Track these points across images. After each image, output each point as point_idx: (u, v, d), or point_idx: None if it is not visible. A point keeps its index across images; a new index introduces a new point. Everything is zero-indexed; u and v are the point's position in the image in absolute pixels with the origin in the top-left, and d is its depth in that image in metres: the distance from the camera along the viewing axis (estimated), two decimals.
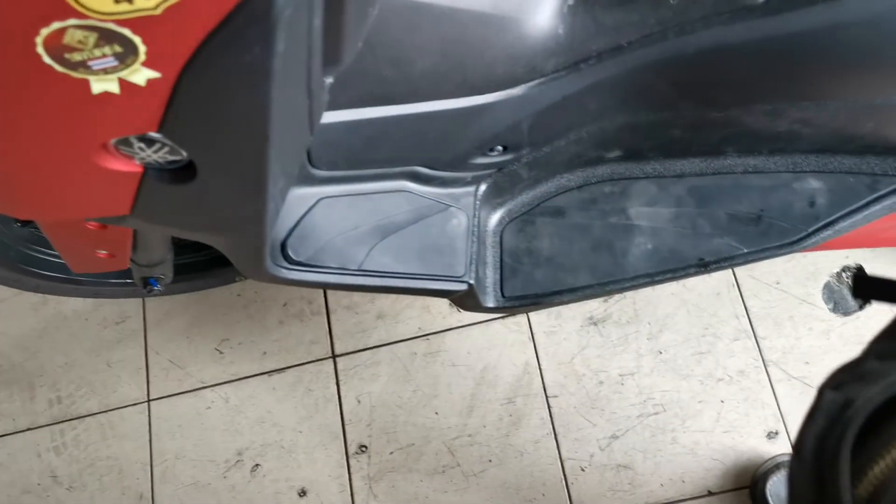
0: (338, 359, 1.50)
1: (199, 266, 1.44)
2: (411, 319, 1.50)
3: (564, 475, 1.35)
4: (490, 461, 1.38)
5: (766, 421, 1.32)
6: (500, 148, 0.87)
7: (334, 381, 1.48)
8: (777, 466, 1.22)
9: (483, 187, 0.96)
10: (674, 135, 0.94)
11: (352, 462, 1.42)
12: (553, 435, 1.37)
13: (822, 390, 0.53)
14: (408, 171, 0.87)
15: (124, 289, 1.42)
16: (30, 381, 1.60)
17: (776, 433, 1.31)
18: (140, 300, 1.63)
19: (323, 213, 0.82)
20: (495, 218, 1.02)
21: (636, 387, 1.37)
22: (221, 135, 0.49)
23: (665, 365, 1.38)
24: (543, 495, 1.34)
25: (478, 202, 0.95)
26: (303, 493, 1.42)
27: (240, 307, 1.58)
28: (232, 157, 0.51)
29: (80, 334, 1.62)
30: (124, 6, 0.38)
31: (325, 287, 0.84)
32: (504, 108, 0.80)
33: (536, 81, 0.80)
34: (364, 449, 1.43)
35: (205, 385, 1.54)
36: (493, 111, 0.80)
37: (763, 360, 1.35)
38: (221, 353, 1.55)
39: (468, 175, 0.92)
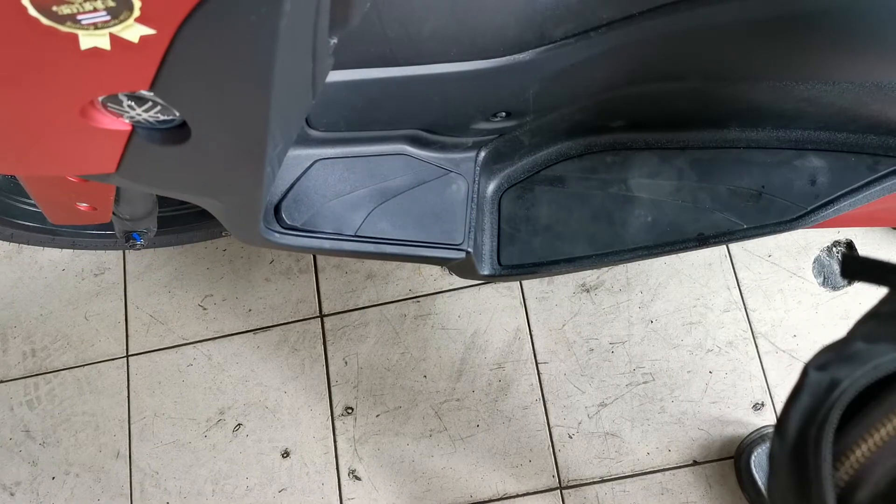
0: (325, 318, 1.48)
1: (184, 219, 1.40)
2: (401, 281, 1.47)
3: (552, 441, 1.34)
4: (478, 426, 1.37)
5: (752, 392, 1.31)
6: (503, 113, 0.84)
7: (321, 341, 1.46)
8: (762, 438, 1.22)
9: (483, 153, 0.92)
10: (679, 106, 0.91)
11: (337, 424, 1.41)
12: (542, 401, 1.36)
13: (807, 369, 0.52)
14: (408, 135, 0.83)
15: (103, 240, 1.39)
16: (3, 331, 1.56)
17: (762, 405, 1.31)
18: (120, 251, 1.59)
19: (319, 175, 0.79)
20: (494, 184, 0.99)
21: (626, 355, 1.36)
22: (219, 97, 0.46)
23: (656, 334, 1.37)
24: (530, 461, 1.34)
25: (478, 168, 0.92)
26: (286, 454, 1.41)
27: (224, 262, 1.54)
28: (229, 120, 0.48)
29: (56, 285, 1.58)
30: None
31: (320, 253, 0.81)
32: (510, 73, 0.77)
33: (545, 48, 0.76)
34: (350, 411, 1.41)
35: (187, 342, 1.51)
36: (499, 76, 0.77)
37: (752, 332, 1.35)
38: (205, 308, 1.52)
39: (469, 140, 0.89)
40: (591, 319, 1.40)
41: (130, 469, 1.44)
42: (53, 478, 1.46)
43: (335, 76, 0.69)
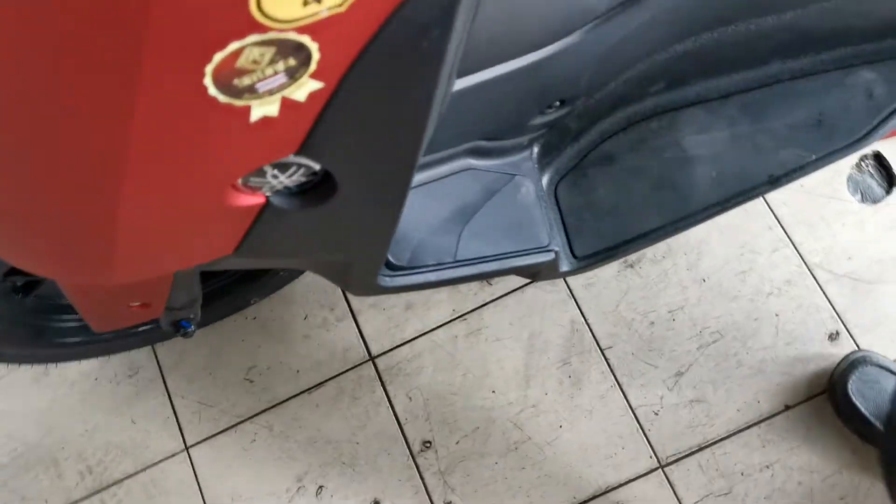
0: (376, 360, 1.44)
1: (210, 296, 1.35)
2: (442, 303, 1.44)
3: (639, 423, 1.32)
4: (560, 427, 1.34)
5: (824, 324, 1.31)
6: (557, 103, 0.82)
7: (379, 383, 1.42)
8: (852, 364, 1.21)
9: (536, 149, 0.90)
10: (721, 53, 0.89)
11: (419, 461, 1.37)
12: (617, 386, 1.34)
13: None
14: (469, 148, 0.81)
15: (136, 339, 1.34)
16: (52, 457, 1.49)
17: (837, 334, 1.30)
18: (149, 347, 1.53)
19: (404, 209, 0.76)
20: (546, 178, 0.97)
21: (688, 319, 1.35)
22: (376, 137, 0.42)
23: (711, 291, 1.35)
24: (623, 448, 1.31)
25: (535, 165, 0.89)
26: None
27: (258, 330, 1.50)
28: (382, 162, 0.45)
29: (92, 397, 1.52)
30: (312, 7, 0.31)
31: (430, 287, 0.78)
32: (563, 58, 0.75)
33: (592, 24, 0.74)
34: (428, 445, 1.37)
35: (242, 418, 1.45)
36: (552, 64, 0.75)
37: (806, 265, 1.34)
38: (251, 381, 1.47)
39: (525, 139, 0.86)
40: (643, 293, 1.38)
41: None
42: None
43: None
